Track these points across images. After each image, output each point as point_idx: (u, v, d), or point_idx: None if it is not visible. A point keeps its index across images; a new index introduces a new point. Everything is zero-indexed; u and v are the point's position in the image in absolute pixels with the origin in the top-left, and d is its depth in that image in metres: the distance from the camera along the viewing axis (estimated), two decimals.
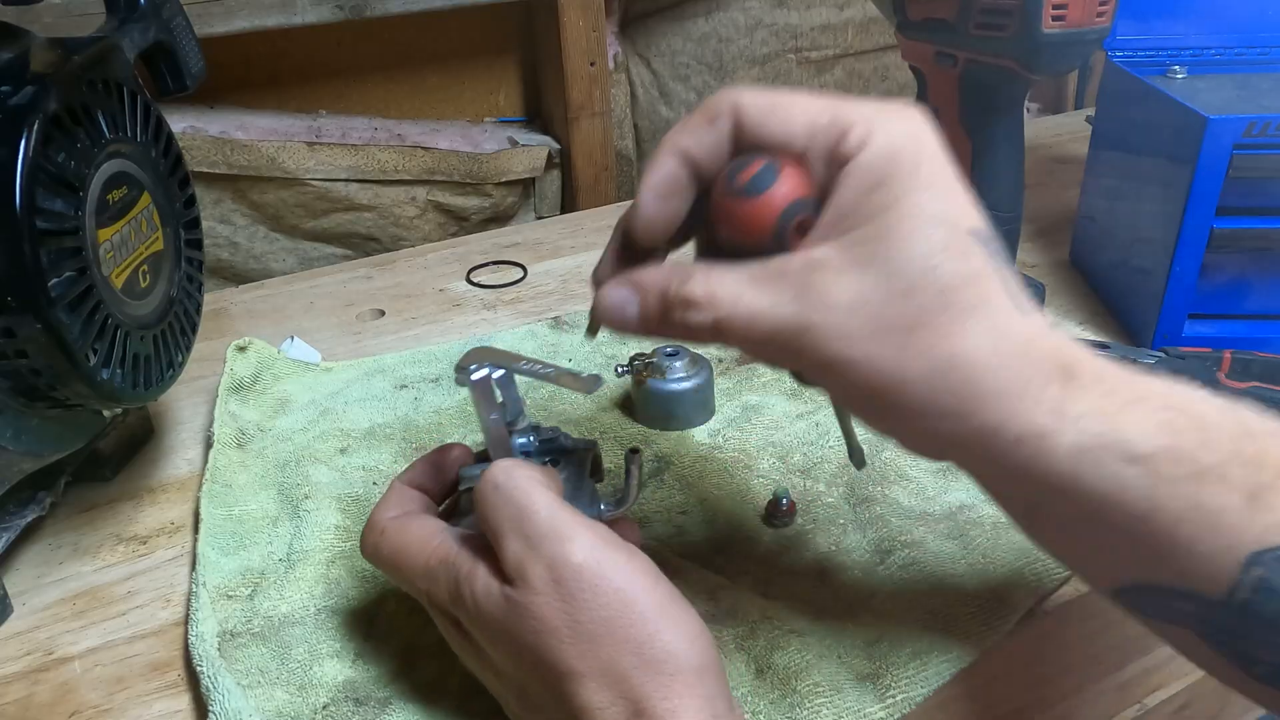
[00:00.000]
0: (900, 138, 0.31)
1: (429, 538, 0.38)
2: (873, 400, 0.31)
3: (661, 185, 0.34)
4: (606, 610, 0.33)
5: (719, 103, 0.33)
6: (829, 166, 0.32)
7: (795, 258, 0.31)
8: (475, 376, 0.40)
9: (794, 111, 0.32)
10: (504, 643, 0.34)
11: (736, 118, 0.33)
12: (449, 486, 0.43)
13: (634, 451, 0.43)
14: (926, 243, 0.30)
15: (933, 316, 0.30)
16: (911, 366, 0.30)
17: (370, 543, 0.40)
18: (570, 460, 0.42)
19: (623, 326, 0.35)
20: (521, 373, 0.41)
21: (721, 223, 0.33)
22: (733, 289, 0.32)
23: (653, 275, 0.34)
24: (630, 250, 0.36)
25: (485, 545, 0.36)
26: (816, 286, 0.31)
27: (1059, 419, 0.30)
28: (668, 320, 0.33)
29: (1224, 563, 0.29)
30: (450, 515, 0.43)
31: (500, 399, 0.42)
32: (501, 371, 0.41)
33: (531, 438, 0.43)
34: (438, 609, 0.38)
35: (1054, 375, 0.30)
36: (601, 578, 0.33)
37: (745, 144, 0.33)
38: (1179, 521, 0.30)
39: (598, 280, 0.37)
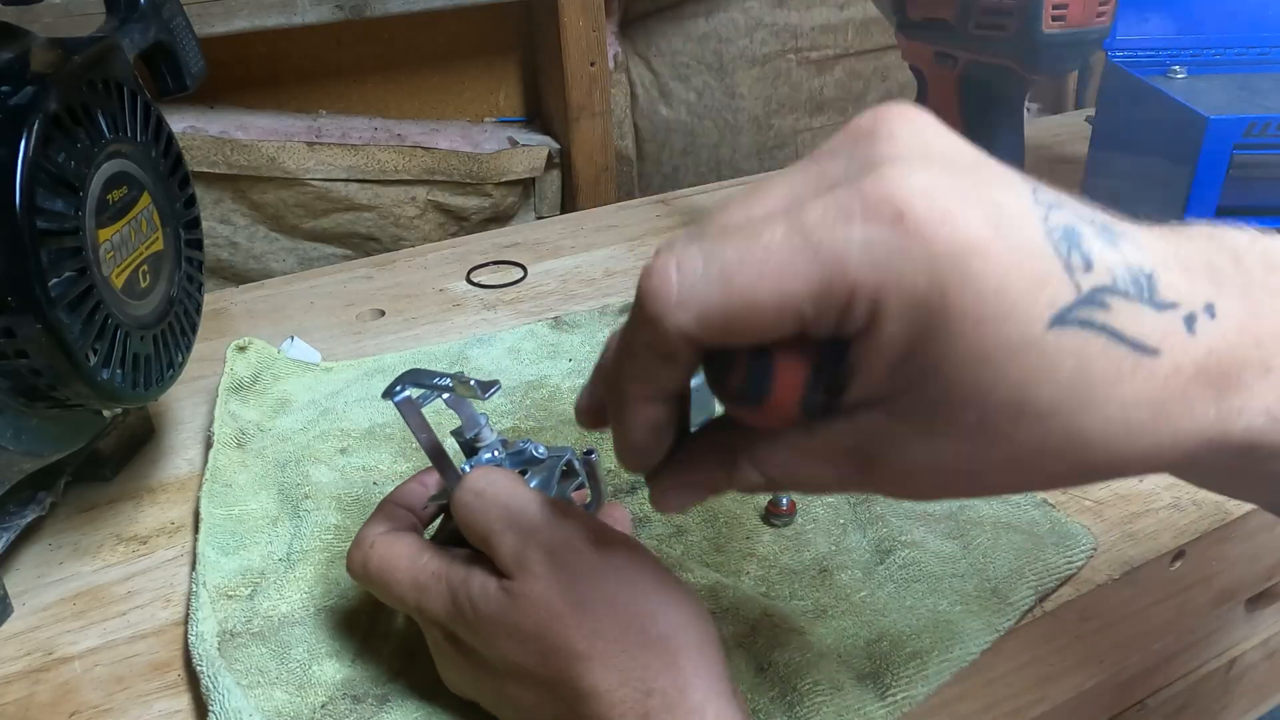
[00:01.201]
0: (920, 287, 0.22)
1: (418, 553, 0.38)
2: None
3: (643, 442, 0.29)
4: (609, 588, 0.33)
5: (665, 338, 0.24)
6: (837, 334, 0.24)
7: (842, 433, 0.26)
8: (399, 398, 0.40)
9: (762, 313, 0.23)
10: (507, 637, 0.34)
11: (697, 346, 0.25)
12: (436, 508, 0.43)
13: (589, 453, 0.43)
14: (1001, 387, 0.23)
15: (1040, 444, 0.24)
16: (1029, 482, 0.26)
17: (358, 559, 0.40)
18: (540, 469, 0.42)
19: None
20: (433, 388, 0.41)
21: (736, 418, 0.28)
22: (786, 467, 0.27)
23: (701, 474, 0.30)
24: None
25: (474, 555, 0.37)
26: (880, 459, 0.26)
27: (1223, 433, 0.24)
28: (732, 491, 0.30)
29: None
30: (441, 533, 0.43)
31: (459, 418, 0.42)
32: (422, 392, 0.41)
33: (498, 453, 0.43)
34: (430, 622, 0.38)
35: (1207, 398, 0.24)
36: (602, 557, 0.34)
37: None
38: None
39: (645, 471, 0.31)
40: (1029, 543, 0.47)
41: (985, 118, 0.58)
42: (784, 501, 0.50)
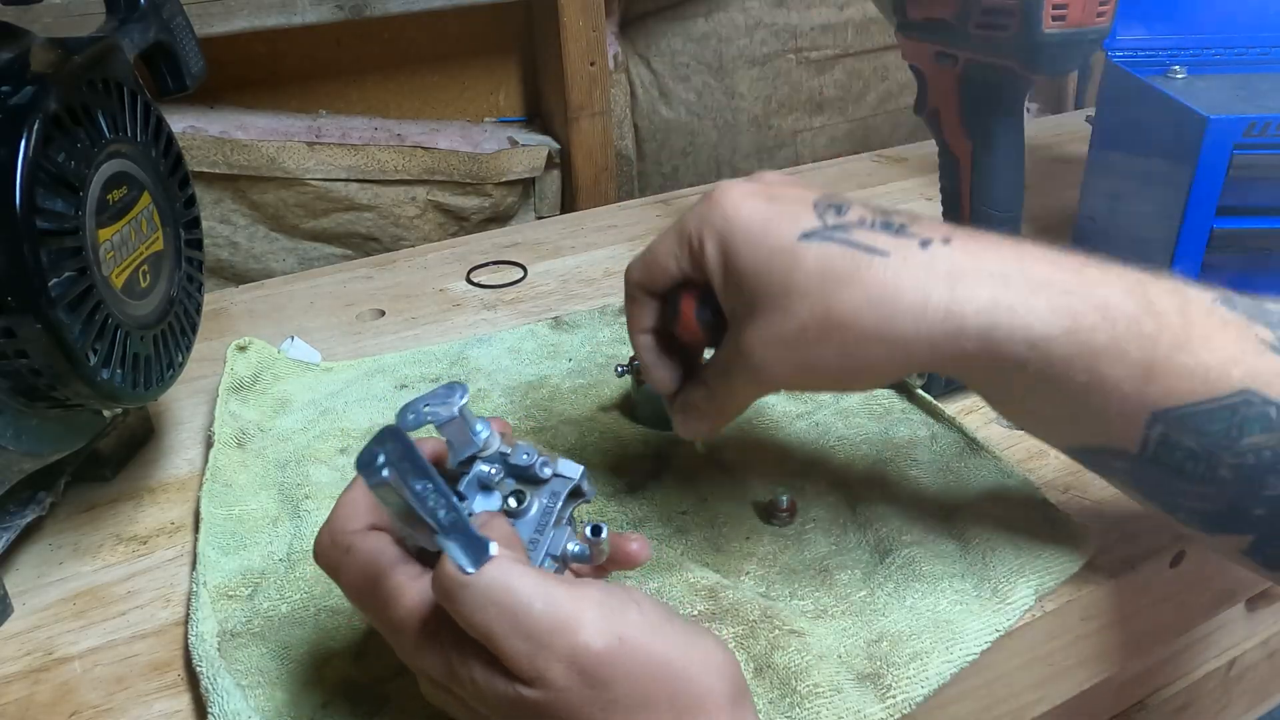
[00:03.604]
0: (717, 224, 0.40)
1: (402, 587, 0.34)
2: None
3: (649, 360, 0.45)
4: (639, 681, 0.32)
5: (628, 286, 0.45)
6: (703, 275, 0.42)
7: (727, 340, 0.41)
8: (385, 474, 0.31)
9: (662, 265, 0.43)
10: None
11: (646, 291, 0.44)
12: None
13: (598, 530, 0.37)
14: (774, 276, 0.37)
15: (811, 318, 0.37)
16: (833, 362, 0.37)
17: (331, 561, 0.35)
18: (543, 492, 0.38)
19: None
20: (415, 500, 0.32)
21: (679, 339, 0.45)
22: (713, 369, 0.43)
23: (686, 395, 0.45)
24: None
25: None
26: (744, 345, 0.39)
27: (960, 316, 0.35)
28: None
29: (1133, 424, 0.37)
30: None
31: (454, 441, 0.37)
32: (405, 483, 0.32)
33: (494, 468, 0.38)
34: (419, 669, 0.35)
35: (939, 284, 0.35)
36: (627, 652, 0.31)
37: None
38: (1086, 392, 0.36)
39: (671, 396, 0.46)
40: (1029, 543, 0.47)
41: (985, 118, 0.58)
42: (784, 501, 0.50)
